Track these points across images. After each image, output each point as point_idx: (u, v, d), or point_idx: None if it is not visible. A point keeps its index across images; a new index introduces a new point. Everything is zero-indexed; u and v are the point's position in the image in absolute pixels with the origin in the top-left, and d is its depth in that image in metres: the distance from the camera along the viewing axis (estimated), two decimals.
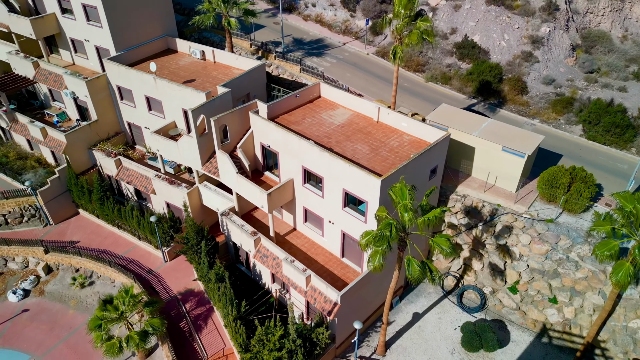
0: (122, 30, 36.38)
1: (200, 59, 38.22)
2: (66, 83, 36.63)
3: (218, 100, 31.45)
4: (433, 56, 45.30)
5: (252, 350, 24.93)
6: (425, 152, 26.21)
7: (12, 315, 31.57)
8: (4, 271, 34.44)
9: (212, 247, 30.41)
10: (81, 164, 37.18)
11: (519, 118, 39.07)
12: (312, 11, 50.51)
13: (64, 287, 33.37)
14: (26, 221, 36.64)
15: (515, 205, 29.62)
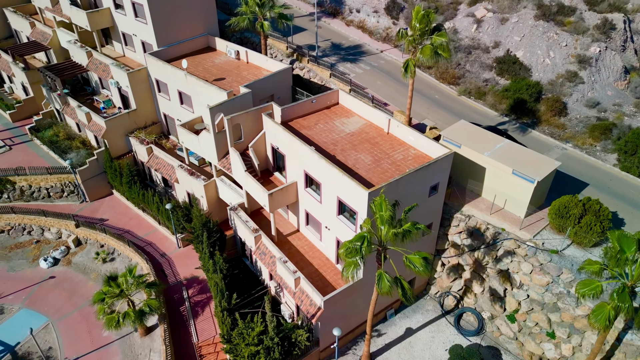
0: (165, 27, 38.80)
1: (235, 58, 39.95)
2: (112, 73, 39.70)
3: (238, 100, 32.88)
4: (471, 69, 44.19)
5: (233, 341, 26.11)
6: (422, 169, 26.03)
7: (40, 280, 34.96)
8: (41, 239, 38.12)
9: (217, 239, 31.93)
10: (118, 149, 40.17)
11: (550, 140, 37.32)
12: (356, 17, 50.86)
13: (88, 260, 36.41)
14: (66, 196, 40.25)
15: (521, 231, 28.57)
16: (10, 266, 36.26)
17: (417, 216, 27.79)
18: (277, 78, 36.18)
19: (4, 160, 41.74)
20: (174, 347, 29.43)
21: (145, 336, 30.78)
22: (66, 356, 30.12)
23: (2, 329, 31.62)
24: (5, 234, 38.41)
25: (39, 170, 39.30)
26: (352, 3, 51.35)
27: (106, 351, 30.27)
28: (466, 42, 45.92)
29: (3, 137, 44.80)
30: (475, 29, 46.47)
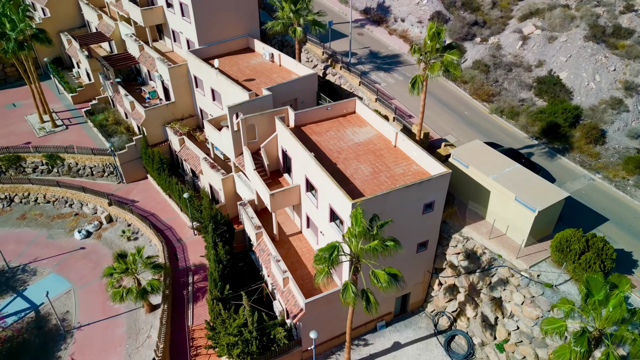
0: (207, 27, 41.17)
1: (269, 60, 41.58)
2: (157, 66, 42.80)
3: (258, 102, 34.41)
4: (508, 88, 42.76)
5: (216, 329, 27.69)
6: (414, 186, 26.07)
7: (72, 249, 38.67)
8: (79, 213, 42.06)
9: (225, 231, 33.66)
10: (156, 137, 43.24)
11: (577, 169, 35.46)
12: (400, 26, 50.73)
13: (115, 236, 39.71)
14: (106, 176, 44.02)
15: (517, 260, 27.71)
16: (50, 234, 40.39)
17: (410, 232, 28.12)
18: (301, 83, 37.32)
19: (59, 138, 46.34)
20: (170, 327, 31.61)
21: (150, 313, 33.24)
22: (79, 321, 33.31)
23: (31, 289, 35.48)
24: (50, 205, 42.78)
25: (85, 150, 43.31)
26: (398, 12, 51.29)
27: (114, 321, 33.09)
28: (508, 59, 44.44)
29: (63, 116, 49.63)
30: (520, 46, 44.82)
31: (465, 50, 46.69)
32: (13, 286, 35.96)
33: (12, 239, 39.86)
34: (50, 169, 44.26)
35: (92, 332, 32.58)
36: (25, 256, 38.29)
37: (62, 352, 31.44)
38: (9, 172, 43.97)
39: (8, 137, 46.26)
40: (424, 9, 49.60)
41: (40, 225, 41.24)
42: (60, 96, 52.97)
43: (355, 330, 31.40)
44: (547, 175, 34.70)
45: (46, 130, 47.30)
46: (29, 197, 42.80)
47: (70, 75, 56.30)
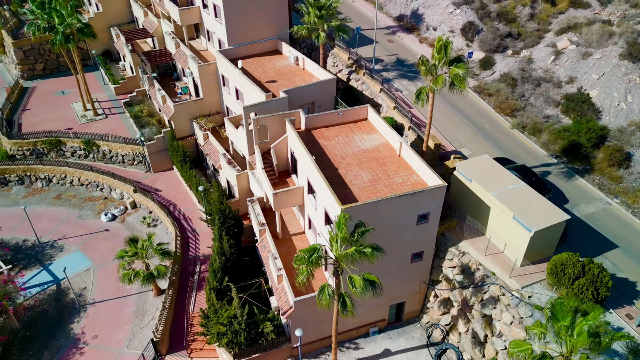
0: (237, 28, 42.86)
1: (294, 63, 42.74)
2: (189, 64, 44.99)
3: (273, 103, 35.62)
4: (534, 103, 41.71)
5: (209, 317, 29.10)
6: (406, 196, 26.34)
7: (97, 231, 41.46)
8: (108, 197, 44.96)
9: (233, 225, 35.07)
10: (183, 131, 45.46)
11: (595, 192, 34.21)
12: (431, 35, 50.46)
13: (137, 221, 42.19)
14: (135, 164, 46.75)
15: (510, 279, 27.33)
16: (80, 214, 43.46)
17: (403, 242, 28.42)
18: (319, 87, 38.19)
19: (98, 126, 49.62)
20: (173, 311, 33.42)
21: (158, 296, 35.22)
22: (94, 297, 35.81)
23: (56, 264, 38.41)
24: (84, 187, 45.97)
25: (118, 138, 46.20)
26: (431, 20, 51.03)
27: (124, 301, 35.34)
28: (538, 74, 43.31)
29: (105, 106, 53.01)
30: (552, 61, 43.55)
31: (494, 63, 45.91)
32: (41, 260, 39.08)
33: (47, 217, 43.22)
34: (86, 154, 47.54)
35: (104, 309, 34.95)
36: (55, 233, 41.45)
37: (74, 325, 33.96)
38: (50, 154, 47.60)
39: (53, 122, 50.00)
40: (456, 18, 49.13)
41: (73, 206, 44.44)
42: (105, 87, 56.51)
43: (346, 333, 31.97)
44: (560, 195, 33.81)
45: (87, 118, 50.75)
46: (65, 179, 46.20)
47: (117, 68, 59.88)
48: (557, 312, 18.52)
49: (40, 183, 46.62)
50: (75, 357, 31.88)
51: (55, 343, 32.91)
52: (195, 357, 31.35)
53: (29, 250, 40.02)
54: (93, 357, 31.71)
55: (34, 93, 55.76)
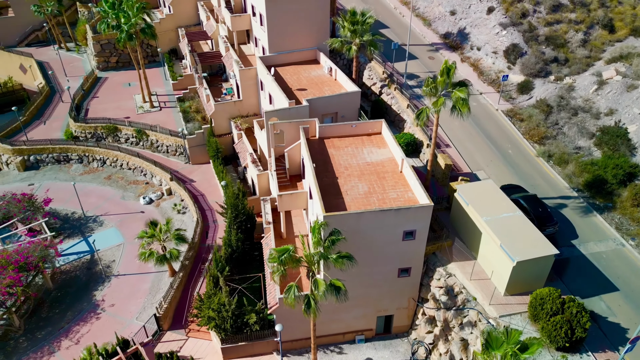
0: (278, 36, 45.36)
1: (327, 73, 44.52)
2: (233, 67, 48.27)
3: (294, 110, 37.59)
4: (567, 132, 40.23)
5: (203, 302, 31.62)
6: (390, 211, 27.16)
7: (134, 211, 45.76)
8: (149, 182, 49.35)
9: (245, 221, 37.47)
10: (222, 129, 48.77)
11: (610, 231, 32.68)
12: (474, 54, 49.94)
13: (169, 207, 46.02)
14: (177, 155, 50.83)
15: (490, 306, 27.22)
16: (123, 195, 48.15)
17: (389, 255, 29.27)
18: (342, 98, 39.63)
19: (151, 117, 54.43)
20: (180, 293, 36.42)
21: (172, 277, 38.42)
22: (118, 270, 39.80)
23: (95, 236, 42.99)
24: (130, 171, 50.78)
25: (164, 130, 50.52)
26: (476, 40, 50.51)
27: (143, 277, 38.96)
28: (577, 103, 41.70)
29: (162, 100, 57.90)
30: (594, 90, 41.72)
31: (533, 87, 44.74)
32: (83, 231, 43.96)
33: (95, 194, 48.36)
34: (137, 141, 52.41)
35: (125, 282, 38.77)
36: (99, 209, 46.33)
37: (97, 292, 38.05)
38: (107, 139, 53.04)
39: (115, 110, 55.53)
40: (501, 39, 48.34)
41: (119, 187, 49.30)
42: (166, 82, 61.59)
43: (332, 336, 33.16)
44: (570, 230, 32.74)
45: (144, 109, 55.81)
46: (116, 162, 51.31)
47: (180, 66, 64.95)
48: (491, 341, 18.71)
49: (95, 163, 52.15)
50: (91, 320, 35.83)
51: (79, 306, 37.14)
52: (191, 336, 34.06)
53: (74, 222, 45.14)
54: (106, 323, 35.43)
55: (105, 83, 62.08)
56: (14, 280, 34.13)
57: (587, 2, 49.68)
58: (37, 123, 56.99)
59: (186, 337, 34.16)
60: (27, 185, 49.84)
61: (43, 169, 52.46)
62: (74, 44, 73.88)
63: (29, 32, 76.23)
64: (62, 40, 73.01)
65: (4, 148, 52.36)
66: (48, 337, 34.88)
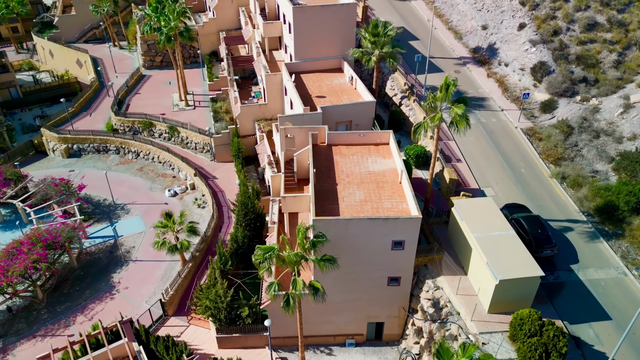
0: (304, 44, 47.03)
1: (348, 82, 45.68)
2: (261, 71, 50.37)
3: (307, 117, 39.05)
4: (586, 155, 39.25)
5: (202, 292, 33.54)
6: (378, 220, 27.94)
7: (158, 202, 48.64)
8: (176, 176, 52.26)
9: (254, 219, 39.21)
10: (246, 130, 50.90)
11: (614, 259, 31.81)
12: (501, 70, 49.43)
13: (191, 201, 48.58)
14: (204, 152, 53.49)
15: (471, 322, 27.40)
16: (151, 187, 51.29)
17: (378, 263, 30.01)
18: (357, 108, 40.65)
19: (185, 115, 57.48)
20: (188, 282, 38.60)
21: (183, 266, 40.72)
22: (137, 256, 42.59)
23: (120, 223, 46.20)
24: (160, 165, 53.96)
25: (194, 128, 53.33)
26: (505, 56, 49.97)
27: (157, 264, 41.52)
28: (600, 125, 40.58)
29: (197, 99, 61.00)
30: (620, 114, 40.45)
31: (557, 107, 43.89)
32: (110, 217, 47.30)
33: (127, 183, 51.79)
34: (169, 137, 55.58)
35: (141, 267, 41.48)
36: (128, 198, 49.61)
37: (115, 275, 40.94)
38: (143, 133, 56.56)
39: (153, 107, 59.07)
40: (530, 56, 47.66)
41: (148, 179, 52.53)
42: (203, 82, 64.77)
43: (323, 337, 34.14)
44: (571, 254, 32.19)
45: (179, 107, 59.04)
46: (149, 155, 54.65)
47: (219, 67, 68.04)
48: (442, 352, 19.20)
49: (130, 155, 55.77)
50: (106, 300, 38.66)
51: (97, 286, 40.13)
52: (192, 323, 36.07)
53: (104, 208, 48.63)
54: (119, 304, 38.12)
55: (148, 80, 66.09)
56: (40, 257, 37.43)
57: (626, 22, 48.04)
58: (84, 114, 61.60)
59: (188, 324, 36.23)
60: (67, 171, 54.08)
61: (84, 157, 56.68)
62: (126, 43, 78.98)
63: (88, 29, 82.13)
64: (116, 39, 78.24)
65: (52, 135, 57.03)
66: (66, 312, 37.99)
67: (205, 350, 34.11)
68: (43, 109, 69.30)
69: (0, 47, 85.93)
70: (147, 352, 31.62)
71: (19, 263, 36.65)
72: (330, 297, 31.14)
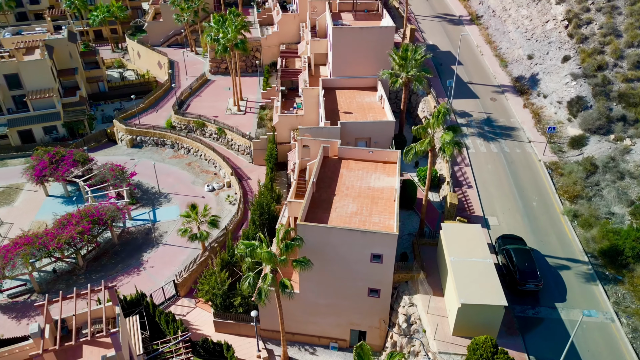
0: (342, 63, 49.88)
1: (378, 101, 47.70)
2: (300, 85, 53.83)
3: (326, 130, 41.72)
4: (606, 196, 37.94)
5: (205, 277, 37.22)
6: (356, 232, 29.85)
7: (197, 195, 53.55)
8: (217, 173, 57.07)
9: (268, 219, 42.41)
10: (283, 138, 54.49)
11: (605, 304, 30.99)
12: (539, 102, 48.59)
13: (223, 198, 52.98)
14: (245, 154, 57.86)
15: (434, 340, 28.37)
16: (194, 181, 56.51)
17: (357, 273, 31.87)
18: (376, 126, 42.66)
19: (235, 119, 62.38)
20: (202, 268, 42.57)
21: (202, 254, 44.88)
22: (167, 240, 47.51)
23: (160, 210, 51.62)
24: (206, 162, 59.15)
25: (238, 132, 57.94)
26: (545, 88, 49.10)
27: (182, 250, 46.05)
28: (628, 167, 39.04)
29: (250, 105, 65.84)
30: None
31: (586, 144, 42.63)
32: (153, 203, 52.94)
33: (174, 175, 57.48)
34: (217, 137, 60.72)
35: (168, 251, 46.28)
36: (172, 188, 55.12)
37: (145, 254, 46.08)
38: (196, 132, 62.27)
39: (209, 109, 64.74)
40: (569, 90, 46.59)
41: (194, 173, 57.86)
42: (259, 91, 69.66)
43: (308, 337, 36.29)
44: (560, 293, 31.89)
45: (231, 111, 64.19)
46: (198, 152, 60.14)
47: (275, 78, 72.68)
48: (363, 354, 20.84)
49: (182, 151, 61.64)
50: (132, 275, 43.76)
51: (129, 261, 45.45)
52: (198, 306, 39.93)
53: (151, 195, 54.47)
54: (142, 279, 43.00)
55: (211, 85, 72.25)
56: (85, 230, 43.36)
57: None
58: (152, 111, 68.83)
59: (195, 306, 40.13)
60: (129, 159, 60.99)
61: (144, 149, 63.51)
62: (201, 49, 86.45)
63: (171, 35, 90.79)
64: (193, 45, 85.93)
65: (121, 127, 64.58)
66: (99, 280, 43.34)
67: (203, 332, 37.69)
68: (122, 103, 78.07)
69: (99, 46, 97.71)
70: (152, 324, 36.06)
71: (66, 232, 42.79)
72: (314, 298, 33.66)
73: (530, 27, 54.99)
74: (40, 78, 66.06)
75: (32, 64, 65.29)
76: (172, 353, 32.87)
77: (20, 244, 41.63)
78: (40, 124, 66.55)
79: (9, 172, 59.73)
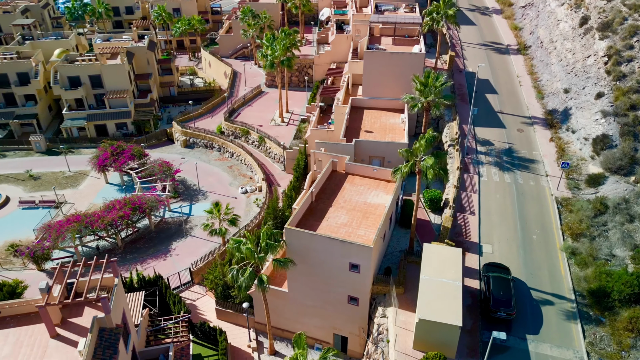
0: (371, 84, 52.63)
1: (400, 122, 49.73)
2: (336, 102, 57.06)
3: (340, 146, 44.51)
4: (611, 237, 37.14)
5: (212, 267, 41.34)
6: (335, 240, 32.31)
7: (230, 196, 58.40)
8: (252, 177, 61.62)
9: (281, 222, 45.86)
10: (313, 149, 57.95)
11: (579, 343, 30.75)
12: (566, 136, 47.81)
13: (252, 201, 57.28)
14: (279, 162, 61.97)
15: (393, 351, 30.00)
16: (231, 182, 61.54)
17: (337, 280, 34.32)
18: (389, 146, 44.68)
19: (277, 130, 66.89)
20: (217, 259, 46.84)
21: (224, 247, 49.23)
22: (195, 233, 52.55)
23: (195, 205, 56.96)
24: (245, 166, 64.05)
25: (275, 141, 62.26)
26: (575, 123, 48.29)
27: (205, 242, 50.80)
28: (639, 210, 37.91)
29: (294, 118, 70.17)
30: None
31: (603, 183, 41.71)
32: (191, 198, 58.49)
33: (215, 176, 62.92)
34: (258, 145, 65.49)
35: (194, 242, 51.24)
36: (210, 187, 60.49)
37: (174, 243, 51.38)
38: (241, 138, 67.54)
39: (256, 118, 69.90)
40: (597, 127, 45.66)
41: (232, 176, 62.94)
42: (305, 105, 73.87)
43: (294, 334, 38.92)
44: (533, 324, 32.09)
45: (275, 122, 68.85)
46: (239, 157, 65.26)
47: None
48: None
49: (227, 154, 67.10)
50: (159, 260, 49.07)
51: (159, 247, 50.93)
52: (207, 294, 44.14)
53: (191, 191, 60.17)
54: (166, 264, 48.14)
55: (264, 96, 77.68)
56: (125, 215, 49.45)
57: None
58: (207, 116, 75.42)
59: (204, 293, 44.40)
60: (180, 158, 67.50)
61: (195, 150, 69.87)
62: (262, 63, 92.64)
63: (239, 48, 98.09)
64: (257, 58, 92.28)
65: (178, 128, 71.57)
66: (131, 261, 49.32)
67: (207, 317, 41.77)
68: (187, 107, 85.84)
69: (179, 54, 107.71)
70: (164, 303, 40.71)
71: (110, 215, 49.11)
72: (301, 299, 36.49)
73: (572, 60, 54.18)
74: (118, 80, 75.05)
75: (113, 68, 74.41)
76: (171, 330, 37.11)
77: (71, 220, 48.47)
78: (114, 120, 75.39)
79: (81, 159, 68.42)
